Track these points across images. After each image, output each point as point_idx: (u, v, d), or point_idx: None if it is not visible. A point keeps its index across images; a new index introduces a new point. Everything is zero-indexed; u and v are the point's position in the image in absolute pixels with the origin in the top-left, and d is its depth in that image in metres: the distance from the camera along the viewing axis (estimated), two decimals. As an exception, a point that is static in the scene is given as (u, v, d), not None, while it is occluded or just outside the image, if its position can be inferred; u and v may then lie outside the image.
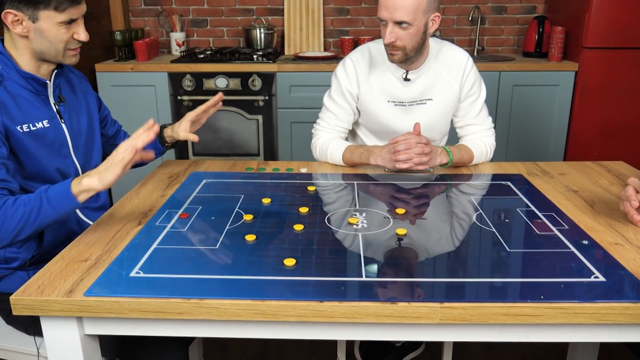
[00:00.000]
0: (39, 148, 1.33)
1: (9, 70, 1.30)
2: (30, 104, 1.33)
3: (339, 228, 1.27)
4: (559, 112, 3.11)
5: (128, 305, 0.97)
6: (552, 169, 1.73)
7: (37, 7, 1.23)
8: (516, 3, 3.49)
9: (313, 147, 1.85)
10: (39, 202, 1.15)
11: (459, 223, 1.33)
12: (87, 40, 1.32)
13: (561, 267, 1.08)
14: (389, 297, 0.97)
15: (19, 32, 1.26)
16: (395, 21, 1.55)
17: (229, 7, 3.53)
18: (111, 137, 1.67)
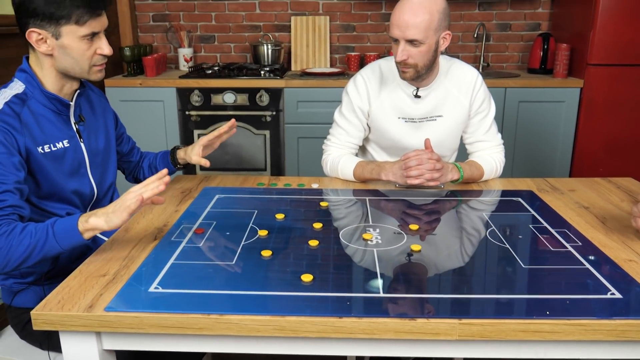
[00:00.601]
0: (56, 168, 1.34)
1: (33, 90, 1.31)
2: (52, 124, 1.34)
3: (353, 244, 1.28)
4: (565, 128, 3.12)
5: (148, 321, 0.98)
6: (562, 185, 1.74)
7: (58, 22, 1.24)
8: (520, 20, 3.52)
9: (324, 162, 1.86)
10: (44, 235, 1.15)
11: (471, 239, 1.33)
12: (110, 54, 1.33)
13: (577, 284, 1.09)
14: (408, 314, 0.98)
15: (44, 51, 1.28)
16: (407, 39, 1.57)
17: (236, 24, 3.57)
18: (126, 154, 1.68)
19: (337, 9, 3.53)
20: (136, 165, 1.70)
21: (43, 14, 1.23)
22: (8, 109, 1.25)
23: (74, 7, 1.24)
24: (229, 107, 3.10)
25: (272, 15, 3.55)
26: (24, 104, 1.29)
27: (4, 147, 1.21)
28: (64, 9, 1.23)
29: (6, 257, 1.15)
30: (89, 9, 1.25)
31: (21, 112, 1.27)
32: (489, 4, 3.49)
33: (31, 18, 1.24)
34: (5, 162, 1.21)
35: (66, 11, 1.23)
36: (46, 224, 1.17)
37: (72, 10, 1.24)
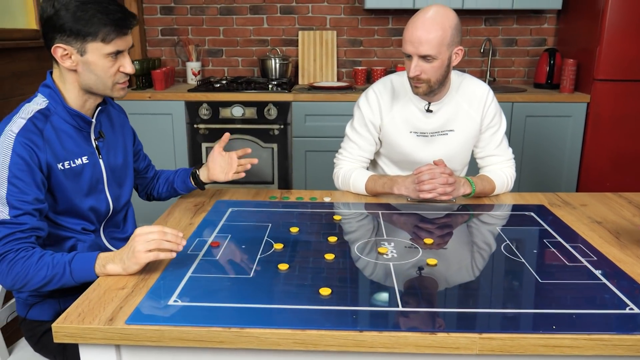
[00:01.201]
0: (74, 185, 1.34)
1: (56, 106, 1.32)
2: (73, 140, 1.34)
3: (369, 258, 1.29)
4: (572, 142, 3.14)
5: (169, 334, 0.98)
6: (573, 199, 1.75)
7: (85, 39, 1.25)
8: (526, 35, 3.55)
9: (335, 176, 1.87)
10: (62, 270, 1.18)
11: (485, 253, 1.34)
12: (133, 72, 1.34)
13: (595, 299, 1.09)
14: (428, 328, 0.98)
15: (68, 66, 1.29)
16: (420, 55, 1.59)
17: (244, 38, 3.61)
18: (141, 171, 1.67)
19: (344, 24, 3.56)
20: (150, 181, 1.70)
21: (70, 30, 1.24)
22: (32, 126, 1.25)
23: (102, 25, 1.25)
24: (237, 121, 3.12)
25: (279, 29, 3.59)
26: (46, 120, 1.29)
27: (26, 165, 1.22)
28: (91, 26, 1.24)
29: (24, 280, 1.18)
30: (116, 27, 1.27)
31: (44, 128, 1.28)
32: (495, 19, 3.52)
33: (58, 33, 1.25)
34: (27, 179, 1.21)
35: (93, 29, 1.25)
36: (64, 260, 1.18)
37: (100, 28, 1.25)
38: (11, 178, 1.20)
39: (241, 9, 3.55)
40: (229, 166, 1.63)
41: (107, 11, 1.25)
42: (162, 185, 1.69)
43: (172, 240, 1.16)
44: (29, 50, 2.41)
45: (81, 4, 1.24)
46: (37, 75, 2.46)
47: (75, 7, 1.23)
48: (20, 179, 1.21)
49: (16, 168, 1.20)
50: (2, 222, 1.18)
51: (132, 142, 1.57)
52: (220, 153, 1.64)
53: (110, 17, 1.25)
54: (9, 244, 1.18)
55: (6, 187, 1.19)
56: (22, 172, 1.21)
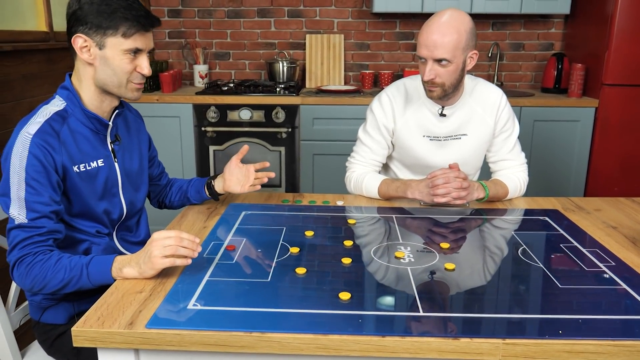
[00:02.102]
0: (90, 188, 1.34)
1: (73, 108, 1.32)
2: (89, 142, 1.34)
3: (386, 262, 1.28)
4: (580, 147, 3.13)
5: (190, 338, 0.97)
6: (587, 204, 1.74)
7: (105, 32, 1.26)
8: (534, 40, 3.55)
9: (347, 180, 1.86)
10: (79, 273, 1.18)
11: (503, 258, 1.33)
12: (149, 74, 1.34)
13: (616, 305, 1.08)
14: (451, 333, 0.97)
15: (86, 59, 1.28)
16: (435, 59, 1.58)
17: (251, 41, 3.61)
18: (154, 178, 1.66)
19: (351, 28, 3.56)
20: (162, 189, 1.69)
21: (92, 23, 1.25)
22: (48, 127, 1.25)
23: (123, 20, 1.25)
24: (244, 124, 3.11)
25: (287, 33, 3.59)
26: (63, 122, 1.29)
27: (42, 166, 1.21)
28: (113, 20, 1.25)
29: (42, 283, 1.18)
30: (137, 23, 1.27)
31: (60, 130, 1.28)
32: (503, 23, 3.52)
33: (80, 26, 1.26)
34: (43, 181, 1.21)
35: (115, 22, 1.25)
36: (81, 262, 1.18)
37: (121, 22, 1.25)
38: (28, 179, 1.20)
39: (249, 12, 3.56)
40: (245, 178, 1.61)
41: (130, 7, 1.26)
42: (175, 193, 1.68)
43: (188, 247, 1.15)
44: (39, 52, 2.41)
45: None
46: (46, 78, 2.46)
47: (99, 1, 1.25)
48: (37, 180, 1.20)
49: (32, 169, 1.20)
50: (20, 226, 1.18)
51: (147, 148, 1.56)
52: (238, 165, 1.62)
53: (132, 13, 1.26)
54: (26, 247, 1.18)
55: (24, 189, 1.19)
56: (38, 173, 1.21)
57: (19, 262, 1.18)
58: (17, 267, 1.19)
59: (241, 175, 1.62)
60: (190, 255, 1.16)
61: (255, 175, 1.62)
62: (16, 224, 1.19)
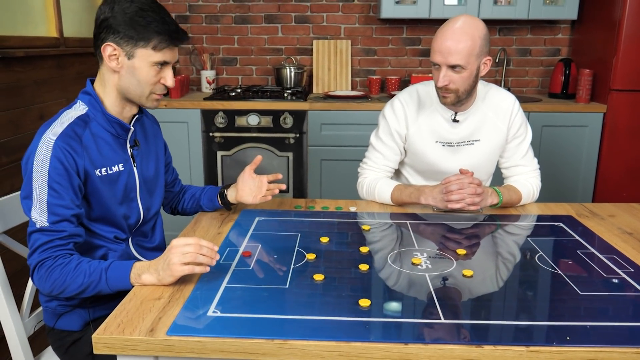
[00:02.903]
0: (109, 192, 1.34)
1: (95, 112, 1.32)
2: (110, 147, 1.34)
3: (404, 268, 1.27)
4: (588, 152, 3.13)
5: (211, 345, 0.97)
6: (601, 210, 1.73)
7: (136, 44, 1.26)
8: (540, 46, 3.55)
9: (359, 186, 1.86)
10: (98, 278, 1.18)
11: (520, 264, 1.32)
12: (173, 86, 1.35)
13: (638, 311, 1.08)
14: (474, 340, 0.97)
15: (112, 67, 1.29)
16: (449, 65, 1.58)
17: (258, 47, 3.61)
18: (168, 184, 1.66)
19: (358, 33, 3.57)
20: (176, 196, 1.69)
21: (124, 33, 1.25)
22: (71, 131, 1.26)
23: (156, 33, 1.26)
24: (252, 129, 3.12)
25: (294, 38, 3.60)
26: (86, 126, 1.30)
27: (65, 170, 1.22)
28: (146, 32, 1.26)
29: (62, 286, 1.19)
30: (169, 37, 1.28)
31: (83, 134, 1.28)
32: (510, 29, 3.53)
33: (111, 34, 1.26)
34: (65, 184, 1.22)
35: (147, 35, 1.26)
36: (101, 267, 1.18)
37: (154, 36, 1.26)
38: (51, 182, 1.20)
39: (256, 18, 3.56)
40: (258, 189, 1.60)
41: (163, 21, 1.27)
42: (188, 201, 1.68)
43: (207, 254, 1.15)
44: (49, 58, 2.42)
45: (140, 10, 1.25)
46: (56, 83, 2.46)
47: (133, 12, 1.25)
48: (59, 184, 1.21)
49: (55, 173, 1.21)
50: (41, 230, 1.19)
51: (163, 153, 1.57)
52: (251, 175, 1.61)
53: (165, 27, 1.27)
54: (47, 251, 1.18)
55: (46, 192, 1.20)
56: (61, 176, 1.21)
57: (39, 265, 1.18)
58: (37, 270, 1.19)
59: (254, 186, 1.60)
60: (209, 263, 1.16)
61: (267, 186, 1.61)
62: (37, 227, 1.19)
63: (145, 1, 1.28)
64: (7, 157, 2.12)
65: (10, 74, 2.13)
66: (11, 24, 2.24)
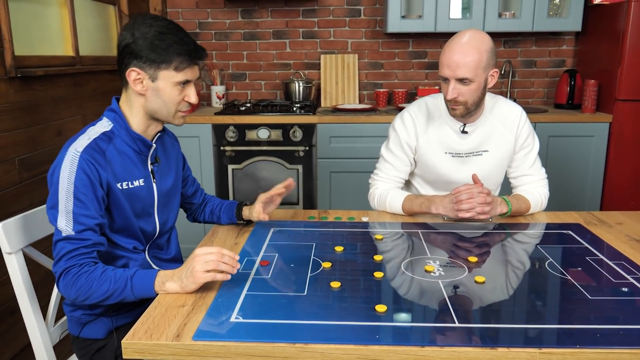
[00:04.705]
0: (130, 205, 1.39)
1: (119, 129, 1.38)
2: (132, 162, 1.40)
3: (417, 275, 1.31)
4: (595, 162, 3.16)
5: (235, 350, 1.01)
6: (609, 218, 1.77)
7: (159, 66, 1.32)
8: (545, 57, 3.60)
9: (370, 196, 1.90)
10: (123, 285, 1.23)
11: (530, 270, 1.36)
12: (196, 102, 1.41)
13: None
14: (488, 343, 1.00)
15: (138, 90, 1.35)
16: (457, 78, 1.63)
17: (267, 62, 3.68)
18: (189, 196, 1.71)
19: (365, 47, 3.63)
20: (198, 207, 1.74)
21: (147, 57, 1.31)
22: (95, 145, 1.32)
23: (176, 55, 1.32)
24: (263, 143, 3.17)
25: (302, 53, 3.66)
26: (110, 142, 1.35)
27: (89, 181, 1.27)
28: (167, 55, 1.31)
29: (87, 293, 1.23)
30: (189, 57, 1.34)
31: (107, 149, 1.34)
32: (514, 41, 3.58)
33: (134, 59, 1.32)
34: (90, 195, 1.27)
35: (168, 57, 1.31)
36: (126, 275, 1.23)
37: (174, 57, 1.32)
38: (77, 193, 1.26)
39: (264, 34, 3.64)
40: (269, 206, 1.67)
41: (182, 42, 1.33)
42: (208, 214, 1.72)
43: (229, 263, 1.20)
44: (66, 76, 2.49)
45: (159, 34, 1.31)
46: (73, 100, 2.53)
47: (153, 37, 1.30)
48: (84, 194, 1.26)
49: (81, 184, 1.26)
50: (67, 238, 1.24)
51: (182, 168, 1.62)
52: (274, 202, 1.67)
53: (184, 48, 1.32)
54: (73, 259, 1.23)
55: (72, 202, 1.25)
56: (86, 187, 1.27)
57: (65, 272, 1.23)
58: (63, 278, 1.23)
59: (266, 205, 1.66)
60: (230, 271, 1.20)
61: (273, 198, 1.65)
62: (63, 235, 1.24)
63: (164, 23, 1.34)
64: (27, 172, 2.18)
65: (30, 92, 2.20)
66: (29, 44, 2.31)
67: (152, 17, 1.34)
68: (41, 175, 2.27)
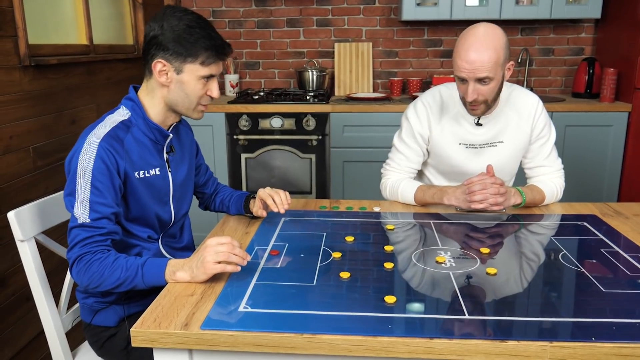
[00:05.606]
0: (146, 194, 1.39)
1: (137, 118, 1.38)
2: (149, 151, 1.40)
3: (428, 266, 1.30)
4: (613, 152, 3.10)
5: (243, 339, 1.01)
6: (625, 209, 1.73)
7: (185, 60, 1.32)
8: (563, 45, 3.54)
9: (382, 186, 1.89)
10: (134, 273, 1.23)
11: (544, 262, 1.34)
12: (218, 97, 1.41)
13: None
14: (498, 336, 0.99)
15: (162, 82, 1.35)
16: (476, 79, 1.59)
17: (280, 50, 3.67)
18: (201, 186, 1.71)
19: (379, 35, 3.60)
20: (209, 197, 1.74)
21: (174, 50, 1.31)
22: (114, 134, 1.32)
23: (203, 49, 1.32)
24: (276, 132, 3.16)
25: (316, 42, 3.64)
26: (128, 130, 1.36)
27: (107, 169, 1.28)
28: (194, 48, 1.31)
29: (99, 280, 1.24)
30: (216, 52, 1.34)
31: (125, 137, 1.34)
32: (532, 29, 3.52)
33: (161, 51, 1.32)
34: (107, 183, 1.28)
35: (195, 51, 1.32)
36: (137, 263, 1.24)
37: (201, 52, 1.32)
38: (94, 181, 1.26)
39: (278, 22, 3.62)
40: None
41: (210, 37, 1.33)
42: (218, 204, 1.72)
43: (239, 254, 1.20)
44: (80, 65, 2.50)
45: (188, 28, 1.31)
46: (87, 89, 2.54)
47: (182, 30, 1.31)
48: (102, 182, 1.27)
49: (98, 172, 1.27)
50: (82, 225, 1.24)
51: (195, 155, 1.62)
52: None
53: (212, 43, 1.32)
54: (87, 246, 1.24)
55: (89, 190, 1.26)
56: (103, 175, 1.27)
57: (79, 259, 1.23)
58: (76, 264, 1.24)
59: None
60: (241, 262, 1.20)
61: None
62: (79, 223, 1.25)
63: (193, 17, 1.34)
64: (41, 160, 2.20)
65: (45, 81, 2.21)
66: (44, 32, 2.32)
67: (182, 10, 1.34)
68: (55, 163, 2.29)
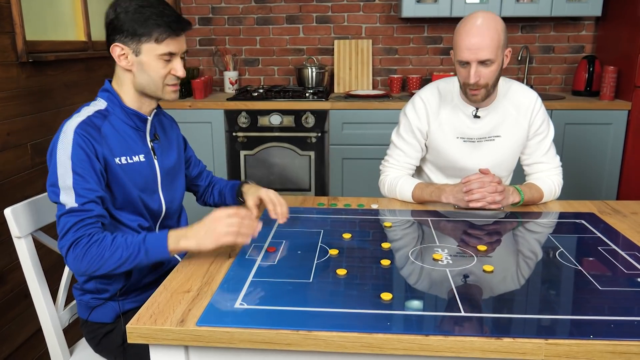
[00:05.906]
0: (131, 181, 1.39)
1: (114, 107, 1.39)
2: (130, 138, 1.40)
3: (425, 264, 1.30)
4: (612, 150, 3.10)
5: (239, 336, 1.01)
6: (623, 207, 1.73)
7: (140, 40, 1.33)
8: (564, 43, 3.53)
9: (381, 183, 1.89)
10: (137, 250, 1.23)
11: (541, 260, 1.34)
12: (183, 76, 1.40)
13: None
14: (494, 333, 0.99)
15: (124, 66, 1.36)
16: (479, 60, 1.60)
17: (280, 47, 3.66)
18: (194, 178, 1.71)
19: (379, 33, 3.59)
20: (205, 190, 1.74)
21: (127, 31, 1.32)
22: (90, 121, 1.33)
23: (155, 26, 1.32)
24: (275, 129, 3.16)
25: (315, 39, 3.63)
26: (105, 119, 1.36)
27: (86, 155, 1.28)
28: (146, 27, 1.32)
29: (99, 263, 1.22)
30: (168, 28, 1.33)
31: (102, 125, 1.35)
32: (532, 26, 3.51)
33: (117, 34, 1.33)
34: (88, 168, 1.27)
35: (148, 29, 1.32)
36: (138, 240, 1.23)
37: (153, 29, 1.32)
38: (74, 168, 1.26)
39: (277, 19, 3.61)
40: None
41: (161, 14, 1.33)
42: (217, 196, 1.72)
43: (250, 226, 1.23)
44: (79, 61, 2.50)
45: (139, 7, 1.32)
46: (85, 85, 2.54)
47: (133, 10, 1.32)
48: (83, 168, 1.27)
49: (77, 158, 1.27)
50: (71, 211, 1.24)
51: (183, 149, 1.62)
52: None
53: (164, 19, 1.33)
54: (80, 230, 1.23)
55: (71, 177, 1.25)
56: (83, 161, 1.27)
57: (74, 245, 1.22)
58: (72, 250, 1.22)
59: None
60: (252, 233, 1.21)
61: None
62: (67, 209, 1.24)
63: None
64: (39, 157, 2.20)
65: (42, 78, 2.21)
66: (42, 29, 2.32)
67: None
68: (54, 160, 2.29)
